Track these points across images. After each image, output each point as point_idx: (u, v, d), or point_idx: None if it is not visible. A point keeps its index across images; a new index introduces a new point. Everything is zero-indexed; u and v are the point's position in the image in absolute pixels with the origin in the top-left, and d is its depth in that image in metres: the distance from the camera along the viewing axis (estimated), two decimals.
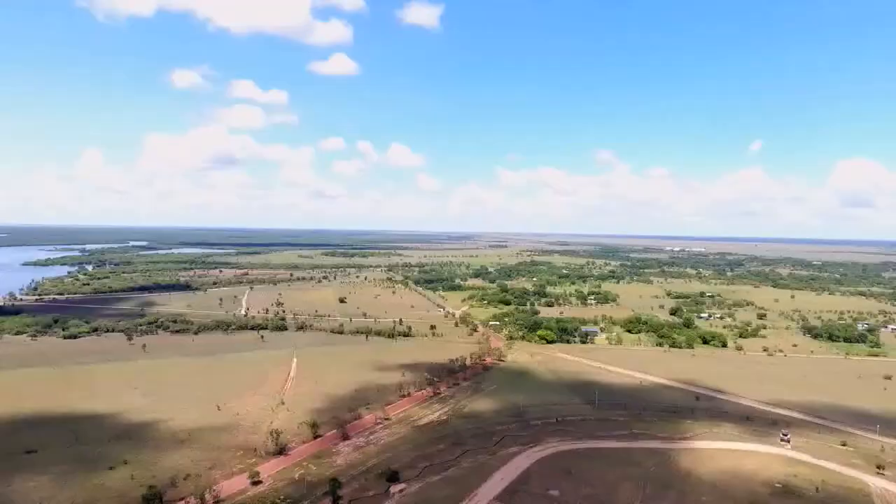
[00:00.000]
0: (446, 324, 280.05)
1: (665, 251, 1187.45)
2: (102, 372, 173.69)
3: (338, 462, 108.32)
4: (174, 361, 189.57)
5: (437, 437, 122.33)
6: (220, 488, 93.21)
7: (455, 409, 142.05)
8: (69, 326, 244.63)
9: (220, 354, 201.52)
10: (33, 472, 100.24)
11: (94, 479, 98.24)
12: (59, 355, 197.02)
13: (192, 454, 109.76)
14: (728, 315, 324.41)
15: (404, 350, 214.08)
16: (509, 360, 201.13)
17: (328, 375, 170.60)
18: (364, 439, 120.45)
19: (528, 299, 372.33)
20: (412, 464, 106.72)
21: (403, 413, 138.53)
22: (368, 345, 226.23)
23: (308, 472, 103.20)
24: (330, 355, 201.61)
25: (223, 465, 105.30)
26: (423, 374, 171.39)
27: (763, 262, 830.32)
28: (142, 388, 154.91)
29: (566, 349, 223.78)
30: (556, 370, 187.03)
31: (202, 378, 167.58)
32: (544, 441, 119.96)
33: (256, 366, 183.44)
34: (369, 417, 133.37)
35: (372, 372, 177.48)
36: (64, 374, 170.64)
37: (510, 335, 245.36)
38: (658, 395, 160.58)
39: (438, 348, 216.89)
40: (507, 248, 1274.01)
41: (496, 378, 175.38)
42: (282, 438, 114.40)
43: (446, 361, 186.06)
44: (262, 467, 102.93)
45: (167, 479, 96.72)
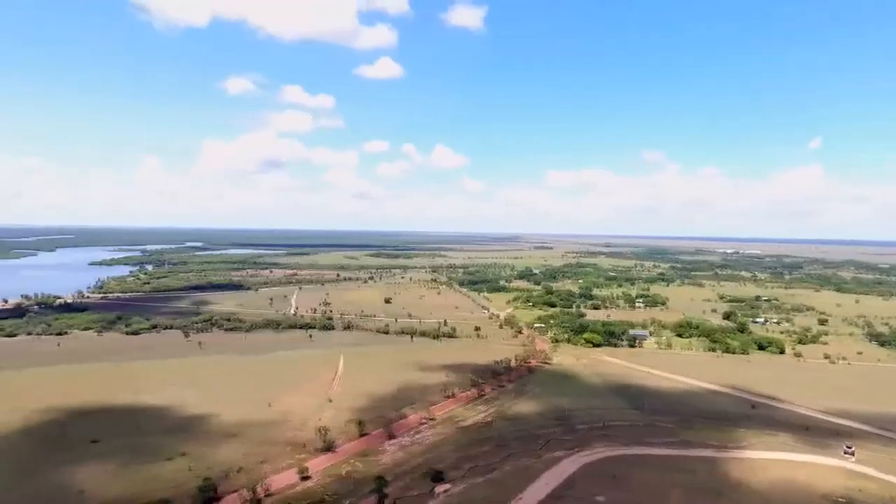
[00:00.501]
0: (491, 325, 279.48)
1: (717, 253, 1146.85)
2: (161, 367, 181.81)
3: (383, 460, 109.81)
4: (227, 358, 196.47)
5: (481, 438, 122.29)
6: (270, 482, 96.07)
7: (499, 411, 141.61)
8: (131, 323, 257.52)
9: (271, 352, 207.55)
10: (98, 460, 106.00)
11: (153, 468, 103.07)
12: (122, 350, 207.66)
13: (243, 448, 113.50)
14: (786, 320, 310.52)
15: (448, 351, 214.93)
16: (554, 362, 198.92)
17: (374, 374, 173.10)
18: (409, 439, 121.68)
19: (573, 301, 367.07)
20: (456, 464, 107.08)
21: (448, 414, 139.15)
22: (413, 345, 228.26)
23: (354, 469, 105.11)
24: (375, 355, 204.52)
25: (273, 459, 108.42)
26: (468, 375, 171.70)
27: (824, 265, 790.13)
28: (197, 383, 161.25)
29: (613, 353, 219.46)
30: (603, 374, 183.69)
31: (253, 374, 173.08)
32: (590, 446, 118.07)
33: (305, 364, 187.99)
34: (414, 417, 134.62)
35: (416, 372, 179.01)
36: (126, 368, 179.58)
37: (555, 338, 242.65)
38: (709, 401, 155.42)
39: (483, 350, 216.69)
40: (552, 250, 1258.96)
41: (541, 381, 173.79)
42: (329, 435, 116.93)
43: (491, 363, 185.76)
44: (311, 463, 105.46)
45: (221, 471, 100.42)
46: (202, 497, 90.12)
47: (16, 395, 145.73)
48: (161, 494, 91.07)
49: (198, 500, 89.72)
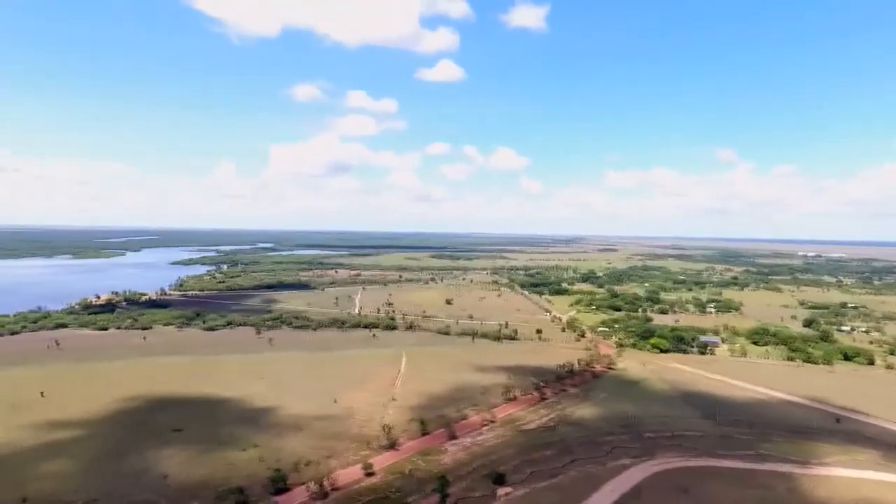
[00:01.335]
0: (553, 328, 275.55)
1: (797, 256, 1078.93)
2: (234, 362, 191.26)
3: (445, 460, 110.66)
4: (295, 355, 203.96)
5: (543, 442, 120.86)
6: (336, 476, 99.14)
7: (562, 416, 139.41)
8: (208, 320, 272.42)
9: (336, 350, 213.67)
10: (179, 448, 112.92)
11: (228, 457, 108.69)
12: (199, 345, 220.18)
13: (310, 442, 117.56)
14: (876, 329, 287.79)
15: (510, 353, 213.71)
16: (620, 368, 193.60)
17: (435, 374, 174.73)
18: (470, 439, 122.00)
19: (639, 305, 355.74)
20: (518, 468, 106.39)
21: (509, 416, 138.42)
22: (474, 346, 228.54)
23: (417, 467, 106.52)
24: (437, 355, 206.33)
25: (338, 454, 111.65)
26: (530, 378, 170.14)
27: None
28: (267, 378, 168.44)
29: (682, 359, 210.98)
30: (671, 381, 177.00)
31: (319, 371, 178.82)
32: (658, 455, 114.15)
33: (369, 362, 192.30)
34: (476, 418, 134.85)
35: (477, 373, 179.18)
36: (203, 361, 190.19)
37: (620, 342, 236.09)
38: (788, 413, 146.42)
39: (545, 353, 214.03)
40: (617, 252, 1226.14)
41: (606, 386, 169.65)
42: (393, 433, 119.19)
43: (553, 366, 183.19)
44: (375, 460, 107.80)
45: (290, 463, 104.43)
46: (273, 487, 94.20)
47: (106, 385, 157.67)
48: (236, 482, 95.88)
49: (269, 489, 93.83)
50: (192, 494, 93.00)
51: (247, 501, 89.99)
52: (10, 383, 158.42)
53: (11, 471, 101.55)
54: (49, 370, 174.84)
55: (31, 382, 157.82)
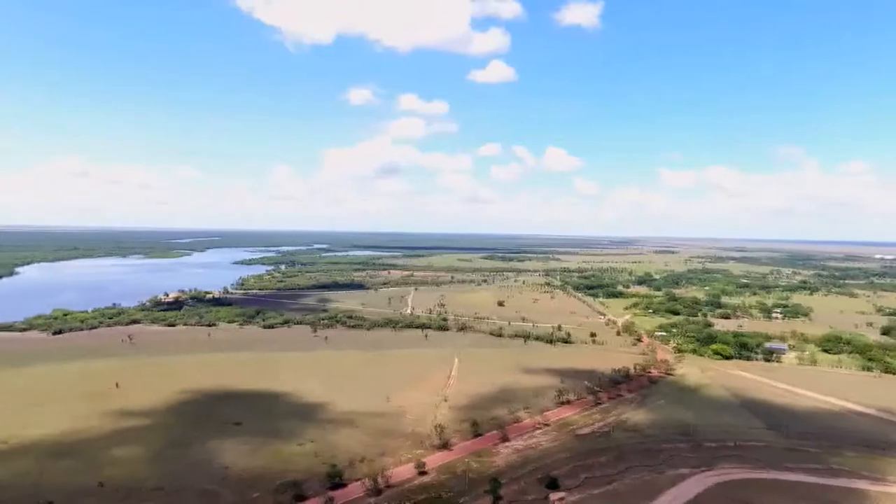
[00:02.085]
0: (607, 332, 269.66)
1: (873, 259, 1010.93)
2: (292, 359, 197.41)
3: (497, 462, 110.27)
4: (350, 353, 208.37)
5: (598, 448, 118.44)
6: (390, 474, 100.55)
7: (617, 422, 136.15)
8: (267, 318, 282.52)
9: (389, 350, 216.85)
10: (240, 440, 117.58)
11: (285, 451, 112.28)
12: (259, 342, 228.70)
13: (364, 439, 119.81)
14: None
15: (563, 356, 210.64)
16: (678, 374, 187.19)
17: (487, 376, 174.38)
18: (523, 442, 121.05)
19: (699, 310, 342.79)
20: (572, 473, 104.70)
21: (563, 420, 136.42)
22: (527, 349, 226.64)
23: (469, 468, 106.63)
24: (489, 357, 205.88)
25: (392, 452, 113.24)
26: (583, 382, 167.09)
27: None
28: (323, 375, 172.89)
29: (745, 367, 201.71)
30: (733, 389, 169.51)
31: (373, 370, 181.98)
32: (719, 466, 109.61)
33: (421, 362, 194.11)
34: (528, 421, 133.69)
35: (530, 376, 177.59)
36: (263, 358, 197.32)
37: (679, 347, 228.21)
38: (863, 426, 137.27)
39: (599, 357, 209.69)
40: (675, 254, 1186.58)
41: (663, 392, 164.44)
42: (445, 433, 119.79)
43: (608, 371, 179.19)
44: (427, 459, 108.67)
45: (345, 460, 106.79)
46: (329, 482, 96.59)
47: (173, 378, 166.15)
48: (293, 476, 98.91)
49: (326, 484, 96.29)
50: (252, 486, 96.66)
51: (304, 495, 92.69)
52: (90, 374, 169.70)
53: (89, 455, 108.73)
54: (123, 363, 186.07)
55: (108, 374, 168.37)
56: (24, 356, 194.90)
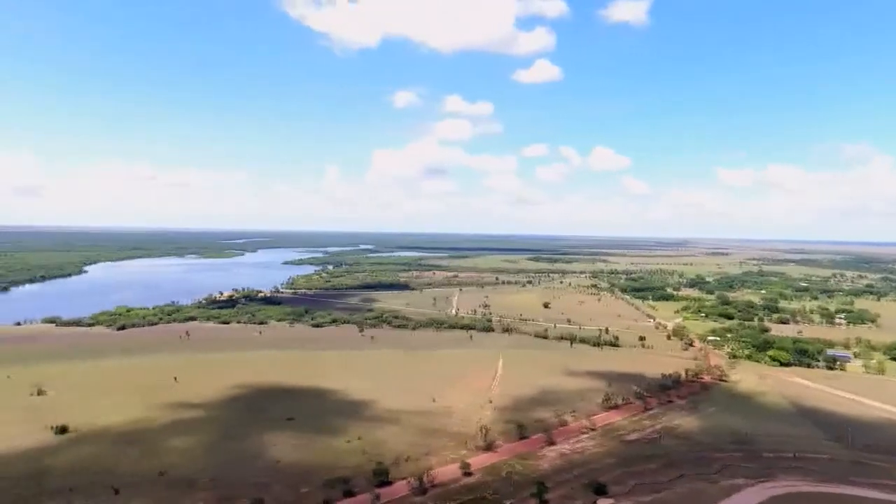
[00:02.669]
0: (657, 336, 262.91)
1: None
2: (339, 357, 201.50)
3: (543, 466, 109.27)
4: (396, 353, 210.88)
5: (647, 454, 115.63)
6: (435, 474, 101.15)
7: (667, 428, 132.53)
8: (316, 317, 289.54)
9: (434, 350, 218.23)
10: (290, 435, 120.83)
11: (333, 448, 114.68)
12: (308, 340, 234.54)
13: (410, 438, 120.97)
14: None
15: (610, 360, 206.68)
16: (732, 380, 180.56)
17: (532, 378, 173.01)
18: (569, 446, 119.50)
19: (755, 314, 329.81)
20: (620, 479, 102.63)
21: (610, 425, 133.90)
22: (573, 351, 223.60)
23: (514, 470, 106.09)
24: (534, 359, 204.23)
25: (437, 452, 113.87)
26: (631, 386, 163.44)
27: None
28: (370, 373, 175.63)
29: (805, 374, 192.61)
30: (792, 397, 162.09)
31: (418, 370, 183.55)
32: (777, 477, 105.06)
33: (465, 363, 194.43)
34: (575, 425, 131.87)
35: (576, 379, 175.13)
36: (311, 356, 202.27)
37: (733, 353, 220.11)
38: None
39: (648, 361, 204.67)
40: (728, 256, 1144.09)
41: (716, 399, 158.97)
42: (490, 435, 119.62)
43: (657, 375, 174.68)
44: (472, 460, 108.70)
45: (391, 457, 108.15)
46: (376, 480, 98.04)
47: (227, 373, 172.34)
48: (341, 473, 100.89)
49: (372, 481, 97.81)
50: (302, 481, 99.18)
51: (352, 491, 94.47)
52: (151, 368, 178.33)
53: (151, 444, 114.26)
54: (181, 358, 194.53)
55: (167, 368, 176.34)
56: (92, 350, 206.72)
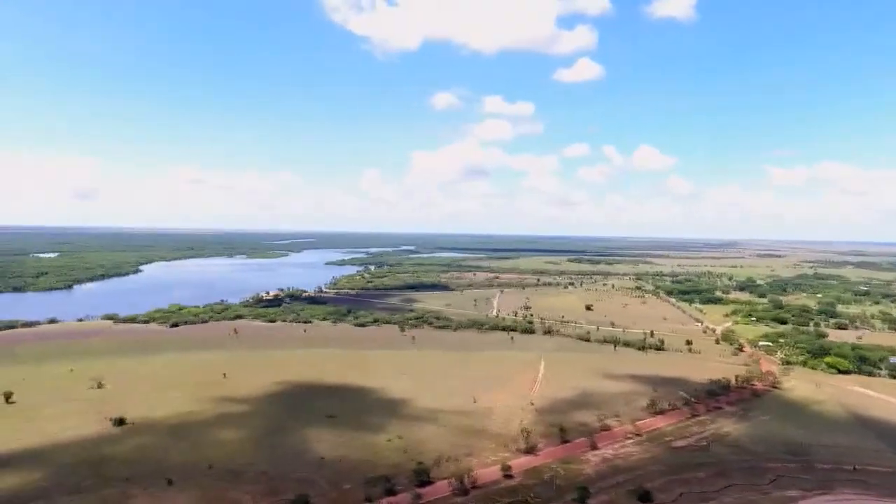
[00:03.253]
0: (704, 340, 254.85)
1: None
2: (381, 356, 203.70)
3: (586, 471, 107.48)
4: (436, 353, 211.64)
5: (694, 462, 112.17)
6: (476, 475, 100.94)
7: (717, 435, 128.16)
8: (358, 316, 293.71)
9: (475, 351, 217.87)
10: (333, 432, 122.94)
11: (375, 446, 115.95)
12: (351, 339, 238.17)
13: (450, 438, 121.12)
14: None
15: (656, 364, 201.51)
16: (786, 387, 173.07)
17: (575, 381, 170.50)
18: (613, 451, 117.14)
19: (810, 319, 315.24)
20: (666, 487, 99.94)
21: (656, 430, 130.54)
22: (616, 355, 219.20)
23: (556, 474, 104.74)
24: (577, 361, 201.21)
25: (478, 453, 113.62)
26: (678, 391, 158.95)
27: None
28: (411, 373, 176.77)
29: (866, 382, 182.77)
30: (852, 407, 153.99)
31: (459, 370, 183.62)
32: (836, 490, 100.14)
33: (506, 365, 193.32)
34: (619, 430, 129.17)
35: (620, 382, 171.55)
36: (354, 354, 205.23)
37: (787, 359, 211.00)
38: None
39: (695, 366, 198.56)
40: (781, 258, 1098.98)
41: (769, 407, 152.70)
42: (531, 437, 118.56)
43: (705, 381, 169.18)
44: (513, 462, 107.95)
45: (432, 457, 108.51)
46: (417, 479, 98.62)
47: (273, 370, 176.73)
48: (382, 471, 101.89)
49: (413, 481, 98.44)
50: (345, 477, 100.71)
51: (393, 490, 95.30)
52: (201, 364, 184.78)
53: (201, 437, 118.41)
54: (229, 355, 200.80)
55: (217, 364, 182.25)
56: (147, 346, 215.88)
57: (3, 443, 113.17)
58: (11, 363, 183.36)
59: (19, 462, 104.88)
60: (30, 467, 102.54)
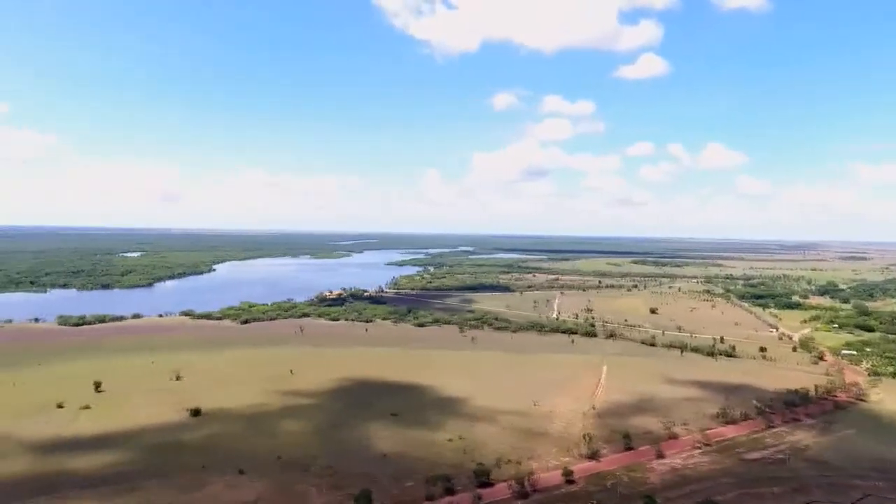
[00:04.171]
0: (780, 347, 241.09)
1: None
2: (441, 356, 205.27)
3: (651, 479, 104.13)
4: (496, 355, 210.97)
5: (769, 476, 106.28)
6: (537, 479, 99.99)
7: (794, 449, 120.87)
8: (418, 316, 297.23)
9: (535, 353, 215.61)
10: (394, 430, 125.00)
11: (435, 445, 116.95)
12: (411, 339, 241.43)
13: (510, 441, 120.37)
14: None
15: (726, 371, 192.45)
16: (873, 400, 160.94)
17: (639, 386, 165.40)
18: (681, 461, 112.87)
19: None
20: (738, 501, 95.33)
21: (727, 441, 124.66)
22: (683, 361, 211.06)
23: (620, 482, 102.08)
24: (641, 366, 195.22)
25: (538, 457, 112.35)
26: (751, 401, 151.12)
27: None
28: (471, 374, 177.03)
29: None
30: None
31: (519, 373, 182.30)
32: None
33: (567, 368, 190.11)
34: (687, 438, 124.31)
35: (687, 389, 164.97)
36: (415, 354, 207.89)
37: (874, 370, 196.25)
38: None
39: (769, 375, 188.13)
40: (867, 261, 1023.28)
41: (853, 420, 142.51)
42: (593, 443, 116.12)
43: (781, 391, 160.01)
44: (575, 467, 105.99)
45: (492, 459, 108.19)
46: (477, 480, 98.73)
47: (337, 367, 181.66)
48: (443, 470, 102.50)
49: (473, 482, 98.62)
50: (406, 474, 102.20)
51: (453, 489, 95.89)
52: (270, 360, 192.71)
53: (269, 429, 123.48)
54: (296, 351, 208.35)
55: (284, 360, 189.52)
56: (221, 341, 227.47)
57: (96, 426, 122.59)
58: (100, 355, 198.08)
59: (109, 444, 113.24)
60: (118, 449, 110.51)
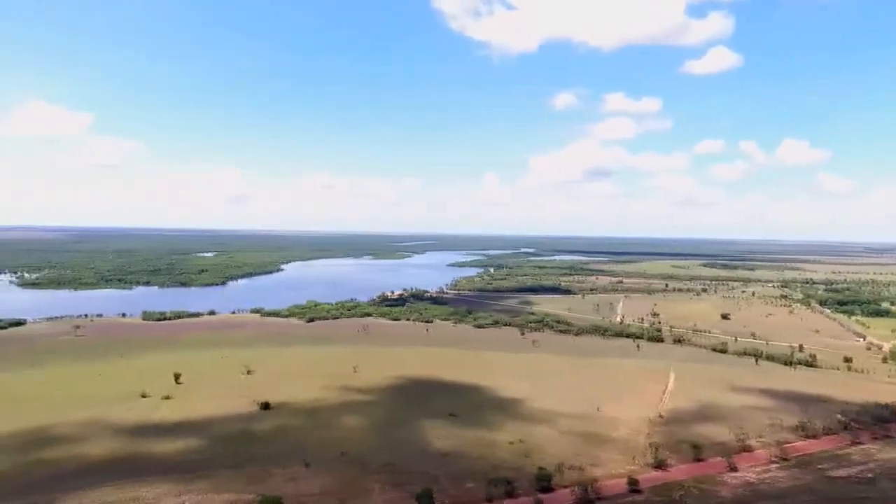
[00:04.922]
0: (868, 357, 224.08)
1: None
2: (502, 358, 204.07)
3: (722, 493, 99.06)
4: (558, 359, 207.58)
5: (856, 496, 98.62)
6: (600, 486, 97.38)
7: (885, 468, 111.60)
8: (478, 318, 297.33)
9: (598, 357, 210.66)
10: (454, 430, 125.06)
11: (496, 448, 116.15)
12: (471, 339, 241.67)
13: (572, 447, 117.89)
14: None
15: (805, 381, 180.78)
16: None
17: (709, 395, 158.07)
18: (755, 475, 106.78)
19: None
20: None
21: (806, 456, 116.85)
22: (758, 369, 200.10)
23: (689, 494, 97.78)
24: (711, 374, 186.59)
25: (602, 464, 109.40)
26: (834, 414, 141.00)
27: None
28: (532, 377, 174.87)
29: None
30: None
31: (581, 377, 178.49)
32: None
33: (631, 374, 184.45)
34: (761, 451, 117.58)
35: (762, 399, 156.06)
36: (475, 355, 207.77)
37: None
38: None
39: (855, 386, 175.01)
40: None
41: None
42: (659, 452, 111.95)
43: (869, 404, 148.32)
44: (640, 476, 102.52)
45: (553, 464, 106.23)
46: (538, 485, 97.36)
47: (398, 366, 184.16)
48: (503, 473, 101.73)
49: (535, 486, 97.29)
50: (466, 475, 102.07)
51: (514, 492, 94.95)
52: (334, 357, 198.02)
53: (331, 423, 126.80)
54: (358, 350, 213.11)
55: (347, 358, 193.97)
56: (288, 338, 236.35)
57: (175, 414, 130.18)
58: (178, 348, 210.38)
59: (184, 431, 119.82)
60: (192, 437, 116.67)
